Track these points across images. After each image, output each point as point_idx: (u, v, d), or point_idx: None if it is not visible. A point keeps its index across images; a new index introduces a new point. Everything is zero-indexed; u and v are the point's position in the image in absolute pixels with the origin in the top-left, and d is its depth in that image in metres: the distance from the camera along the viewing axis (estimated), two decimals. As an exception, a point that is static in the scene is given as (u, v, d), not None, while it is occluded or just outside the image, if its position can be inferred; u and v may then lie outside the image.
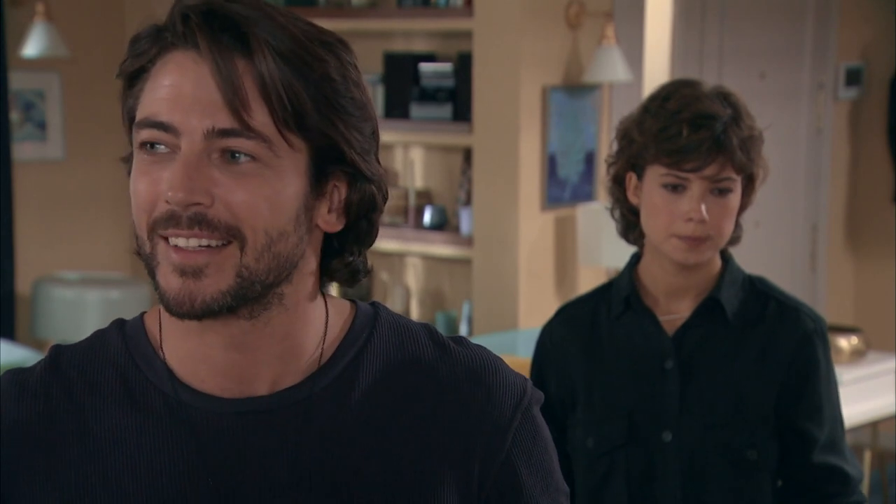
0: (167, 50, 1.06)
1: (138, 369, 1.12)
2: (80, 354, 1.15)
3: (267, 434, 1.10)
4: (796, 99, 5.57)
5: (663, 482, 1.96)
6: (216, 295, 1.05)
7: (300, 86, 1.05)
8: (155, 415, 1.11)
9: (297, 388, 1.11)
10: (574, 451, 2.04)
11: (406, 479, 1.11)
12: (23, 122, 5.03)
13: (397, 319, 1.19)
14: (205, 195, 1.03)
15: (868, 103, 5.92)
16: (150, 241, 1.06)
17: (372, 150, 1.11)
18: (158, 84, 1.06)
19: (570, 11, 4.57)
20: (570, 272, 4.69)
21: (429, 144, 4.89)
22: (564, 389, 2.04)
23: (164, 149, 1.05)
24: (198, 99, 1.04)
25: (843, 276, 5.97)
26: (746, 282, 2.02)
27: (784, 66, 5.51)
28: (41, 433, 1.11)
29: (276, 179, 1.05)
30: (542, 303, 4.56)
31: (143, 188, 1.06)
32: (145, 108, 1.06)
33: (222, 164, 1.04)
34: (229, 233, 1.04)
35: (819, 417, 1.98)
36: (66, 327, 4.81)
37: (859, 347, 4.52)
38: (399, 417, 1.13)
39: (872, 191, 5.96)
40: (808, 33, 5.63)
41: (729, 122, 1.90)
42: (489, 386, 1.16)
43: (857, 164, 6.00)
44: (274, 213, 1.05)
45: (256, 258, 1.05)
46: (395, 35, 4.92)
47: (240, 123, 1.03)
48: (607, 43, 4.49)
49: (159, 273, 1.06)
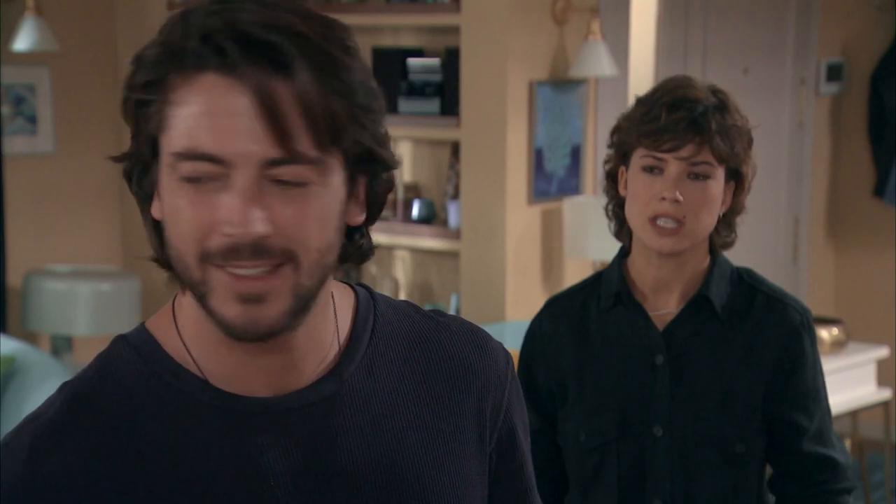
0: (191, 72, 1.02)
1: (167, 383, 1.10)
2: (98, 384, 1.11)
3: (313, 426, 1.11)
4: (779, 94, 5.60)
5: (653, 475, 1.98)
6: (279, 317, 1.04)
7: (335, 100, 1.03)
8: (198, 425, 1.09)
9: (330, 377, 1.13)
10: (565, 444, 2.05)
11: (439, 444, 1.16)
12: (13, 115, 5.02)
13: (386, 298, 1.22)
14: (266, 225, 1.01)
15: (849, 98, 5.94)
16: (200, 269, 1.04)
17: (387, 134, 1.10)
18: (193, 111, 1.01)
19: (556, 7, 4.59)
20: (557, 265, 4.73)
21: (417, 138, 4.92)
22: (554, 381, 2.05)
23: (210, 178, 1.02)
24: (243, 128, 1.00)
25: (824, 267, 6.01)
26: (734, 275, 2.03)
27: (767, 62, 5.55)
28: (88, 480, 1.07)
29: (324, 196, 1.04)
30: (529, 295, 4.61)
31: (192, 217, 1.02)
32: (183, 138, 1.02)
33: (275, 190, 1.02)
34: (285, 256, 1.03)
35: (808, 408, 2.00)
36: (57, 320, 4.79)
37: (840, 338, 4.56)
38: (419, 388, 1.17)
39: (853, 184, 5.98)
40: (790, 29, 5.66)
41: (711, 109, 1.90)
42: (482, 347, 1.23)
43: (839, 158, 6.03)
44: (324, 229, 1.05)
45: (310, 276, 1.05)
46: (384, 30, 4.95)
47: (289, 152, 1.01)
48: (593, 38, 4.51)
49: (214, 300, 1.04)
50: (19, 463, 1.06)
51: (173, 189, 1.04)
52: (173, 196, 1.04)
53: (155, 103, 1.03)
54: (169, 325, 1.13)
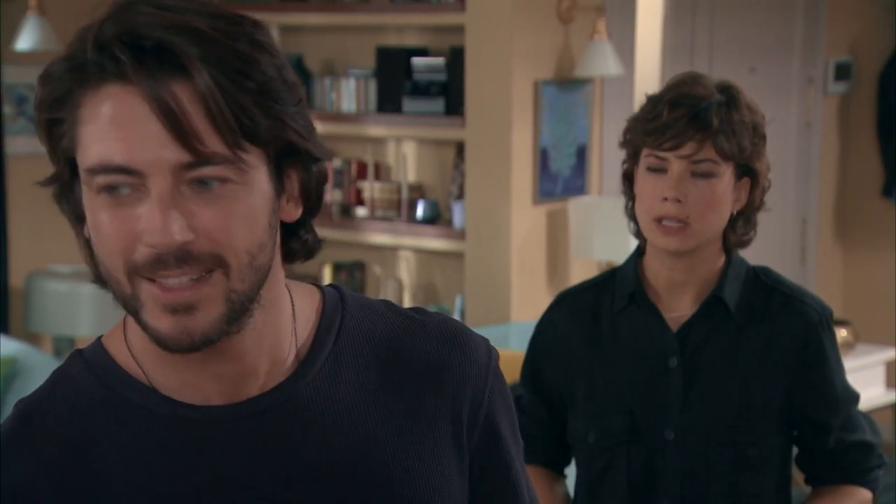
0: (93, 84, 1.00)
1: (121, 397, 1.10)
2: (50, 401, 1.10)
3: (271, 433, 1.10)
4: (786, 93, 5.60)
5: (663, 479, 1.96)
6: (212, 325, 1.03)
7: (242, 97, 1.01)
8: (154, 437, 1.08)
9: (289, 383, 1.11)
10: (574, 443, 2.04)
11: (409, 449, 1.14)
12: (16, 115, 5.04)
13: (359, 298, 1.19)
14: (188, 232, 1.00)
15: (857, 97, 5.94)
16: (129, 283, 1.02)
17: (311, 125, 1.08)
18: (99, 124, 1.00)
19: (561, 6, 4.59)
20: (562, 265, 4.72)
21: (421, 138, 4.90)
22: (564, 378, 2.03)
23: (127, 189, 1.00)
24: (150, 135, 0.99)
25: (832, 268, 6.00)
26: (750, 273, 2.00)
27: (774, 61, 5.54)
28: (43, 498, 1.07)
29: (246, 195, 1.02)
30: (535, 296, 4.59)
31: (114, 231, 1.01)
32: (94, 152, 1.01)
33: (194, 193, 1.01)
34: (213, 261, 1.01)
35: (834, 405, 1.99)
36: (59, 321, 4.81)
37: (848, 340, 4.55)
38: (388, 392, 1.14)
39: (862, 184, 5.98)
40: (798, 28, 5.66)
41: (715, 105, 1.88)
42: (462, 346, 1.19)
43: (847, 157, 6.02)
44: (252, 230, 1.03)
45: (242, 279, 1.03)
46: (388, 29, 4.94)
47: (197, 154, 0.99)
48: (599, 37, 4.50)
49: (146, 313, 1.03)
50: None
51: (94, 205, 1.02)
52: (95, 212, 1.02)
53: (65, 121, 1.02)
54: (120, 339, 1.12)
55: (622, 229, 4.34)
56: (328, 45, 5.08)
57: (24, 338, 4.84)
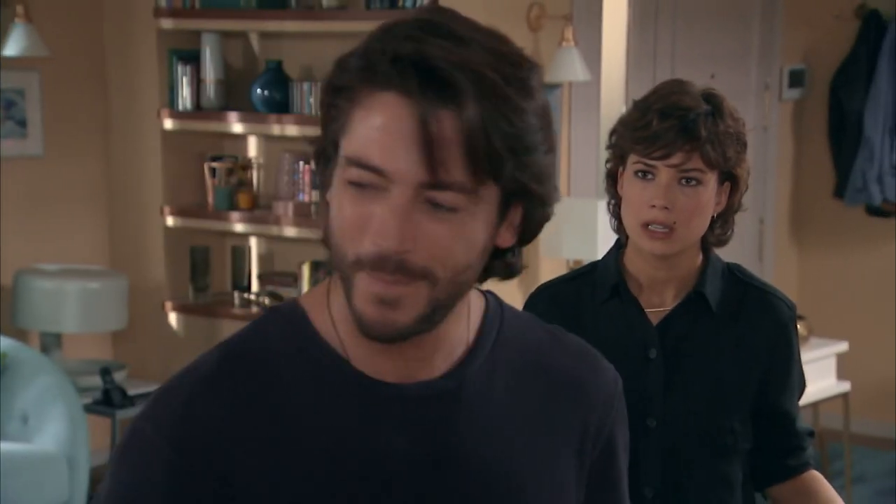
0: (377, 88, 1.08)
1: (316, 359, 1.17)
2: (249, 346, 1.18)
3: (440, 414, 1.17)
4: (744, 99, 5.65)
5: (645, 465, 1.99)
6: (410, 323, 1.11)
7: (498, 139, 1.07)
8: (343, 401, 1.16)
9: (455, 373, 1.19)
10: None
11: (545, 451, 1.23)
12: (4, 119, 5.04)
13: (512, 308, 1.27)
14: (410, 242, 1.08)
15: (810, 103, 6.03)
16: (351, 268, 1.11)
17: (552, 170, 1.14)
18: (369, 123, 1.08)
19: (531, 14, 4.67)
20: (532, 263, 4.82)
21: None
22: None
23: (372, 187, 1.09)
24: (407, 150, 1.07)
25: (788, 265, 6.10)
26: (726, 271, 2.05)
27: (732, 68, 5.62)
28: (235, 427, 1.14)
29: (472, 222, 1.10)
30: (504, 293, 4.62)
31: (352, 217, 1.10)
32: (356, 146, 1.09)
33: (426, 210, 1.08)
34: (423, 274, 1.09)
35: (794, 396, 2.07)
36: (46, 317, 4.83)
37: (802, 333, 4.68)
38: (531, 398, 1.23)
39: (815, 186, 6.07)
40: (755, 37, 5.75)
41: (702, 116, 1.91)
42: (594, 367, 1.28)
43: (801, 160, 6.12)
44: (467, 252, 1.11)
45: (445, 291, 1.11)
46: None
47: (439, 179, 1.07)
48: (567, 44, 4.58)
49: (356, 297, 1.11)
50: (179, 405, 1.15)
51: (341, 188, 1.11)
52: (340, 193, 1.12)
53: (342, 108, 1.11)
54: (322, 303, 1.19)
55: (590, 229, 4.51)
56: (307, 52, 5.08)
57: (12, 334, 4.85)
